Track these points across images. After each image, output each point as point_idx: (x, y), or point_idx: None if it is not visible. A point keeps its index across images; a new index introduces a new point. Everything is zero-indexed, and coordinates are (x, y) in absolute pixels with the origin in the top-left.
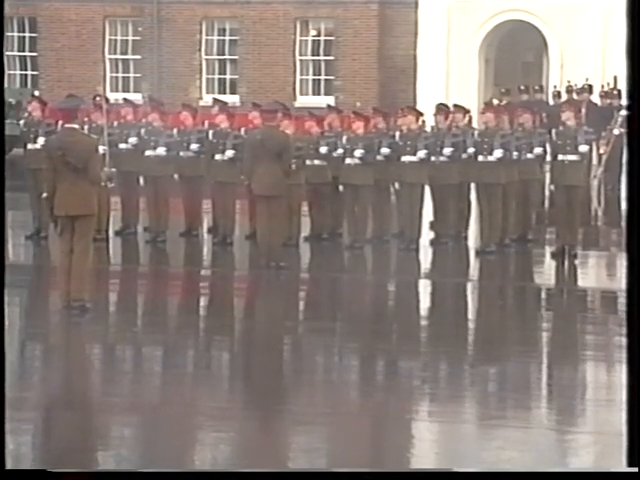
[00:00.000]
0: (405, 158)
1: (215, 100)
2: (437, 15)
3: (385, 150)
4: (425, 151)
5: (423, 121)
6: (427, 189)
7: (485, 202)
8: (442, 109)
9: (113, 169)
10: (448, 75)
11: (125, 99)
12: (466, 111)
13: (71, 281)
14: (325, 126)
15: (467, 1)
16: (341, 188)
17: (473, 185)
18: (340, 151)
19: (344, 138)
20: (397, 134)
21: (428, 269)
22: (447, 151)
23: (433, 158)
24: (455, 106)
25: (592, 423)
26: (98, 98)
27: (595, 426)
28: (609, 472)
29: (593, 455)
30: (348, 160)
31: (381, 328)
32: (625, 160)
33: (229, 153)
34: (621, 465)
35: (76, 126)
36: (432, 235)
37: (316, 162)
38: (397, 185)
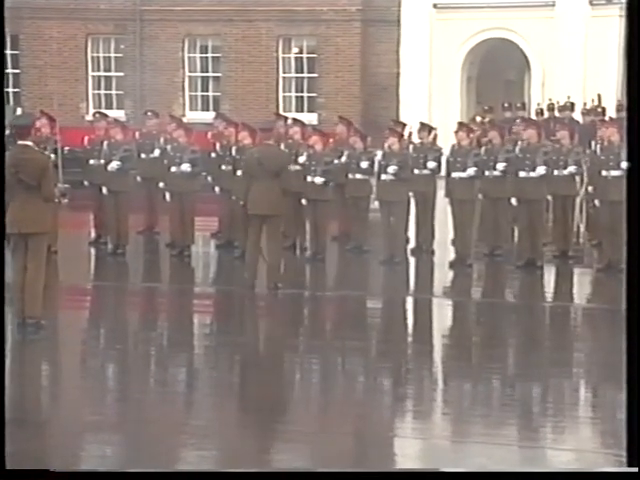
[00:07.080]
0: (455, 174)
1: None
2: (419, 33)
3: (432, 164)
4: (475, 168)
5: (473, 137)
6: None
7: (525, 217)
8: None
9: (66, 185)
10: (430, 92)
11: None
12: (431, 128)
13: (25, 298)
14: (368, 142)
15: (449, 19)
16: (377, 204)
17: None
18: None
19: (379, 154)
20: (449, 150)
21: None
22: (500, 166)
23: (487, 173)
24: (421, 124)
25: None
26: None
27: None
28: (609, 472)
29: None
30: (383, 176)
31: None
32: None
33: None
34: None
35: (29, 143)
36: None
37: (358, 176)
38: (449, 201)
